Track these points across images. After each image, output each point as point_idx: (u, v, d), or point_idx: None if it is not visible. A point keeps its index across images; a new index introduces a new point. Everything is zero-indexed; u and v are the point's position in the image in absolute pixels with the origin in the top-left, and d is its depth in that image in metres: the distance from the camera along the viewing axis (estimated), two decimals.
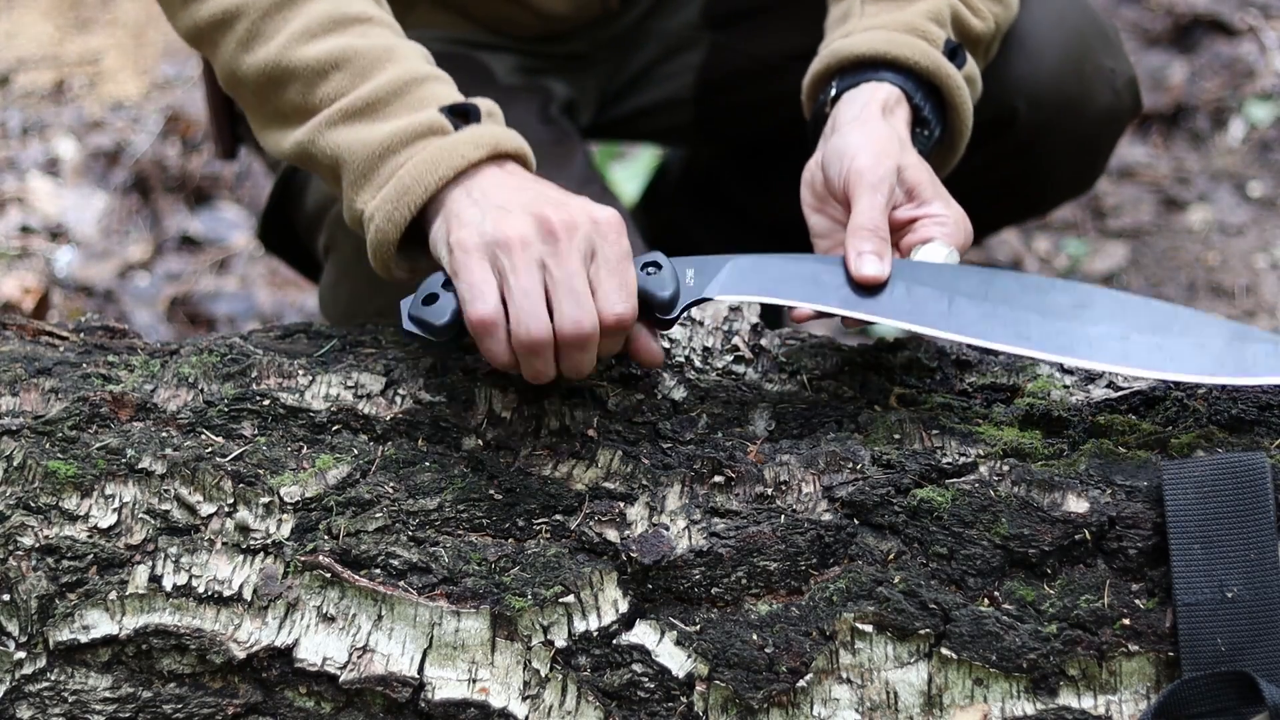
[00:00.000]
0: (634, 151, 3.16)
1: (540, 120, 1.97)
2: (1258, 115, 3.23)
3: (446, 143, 1.40)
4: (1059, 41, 1.86)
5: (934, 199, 1.47)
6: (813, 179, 1.54)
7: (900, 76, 1.54)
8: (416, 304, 1.36)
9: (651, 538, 1.32)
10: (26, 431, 1.37)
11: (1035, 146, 1.90)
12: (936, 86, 1.55)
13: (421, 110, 1.42)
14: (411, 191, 1.38)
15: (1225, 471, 1.29)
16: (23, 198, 3.23)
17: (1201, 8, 3.45)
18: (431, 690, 1.32)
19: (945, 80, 1.55)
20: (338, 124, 1.44)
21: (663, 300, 1.36)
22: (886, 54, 1.54)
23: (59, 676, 1.33)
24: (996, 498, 1.32)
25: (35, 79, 3.64)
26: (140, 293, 2.99)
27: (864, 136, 1.49)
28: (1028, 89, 1.83)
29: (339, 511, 1.35)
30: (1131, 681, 1.30)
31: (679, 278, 1.38)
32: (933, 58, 1.54)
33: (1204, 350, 1.34)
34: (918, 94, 1.55)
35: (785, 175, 2.25)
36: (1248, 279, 2.88)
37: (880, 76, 1.54)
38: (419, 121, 1.41)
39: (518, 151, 1.43)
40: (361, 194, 1.42)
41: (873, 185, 1.45)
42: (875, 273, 1.40)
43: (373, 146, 1.41)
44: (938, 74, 1.54)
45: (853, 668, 1.31)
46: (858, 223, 1.43)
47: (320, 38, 1.47)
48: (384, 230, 1.39)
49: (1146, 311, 1.37)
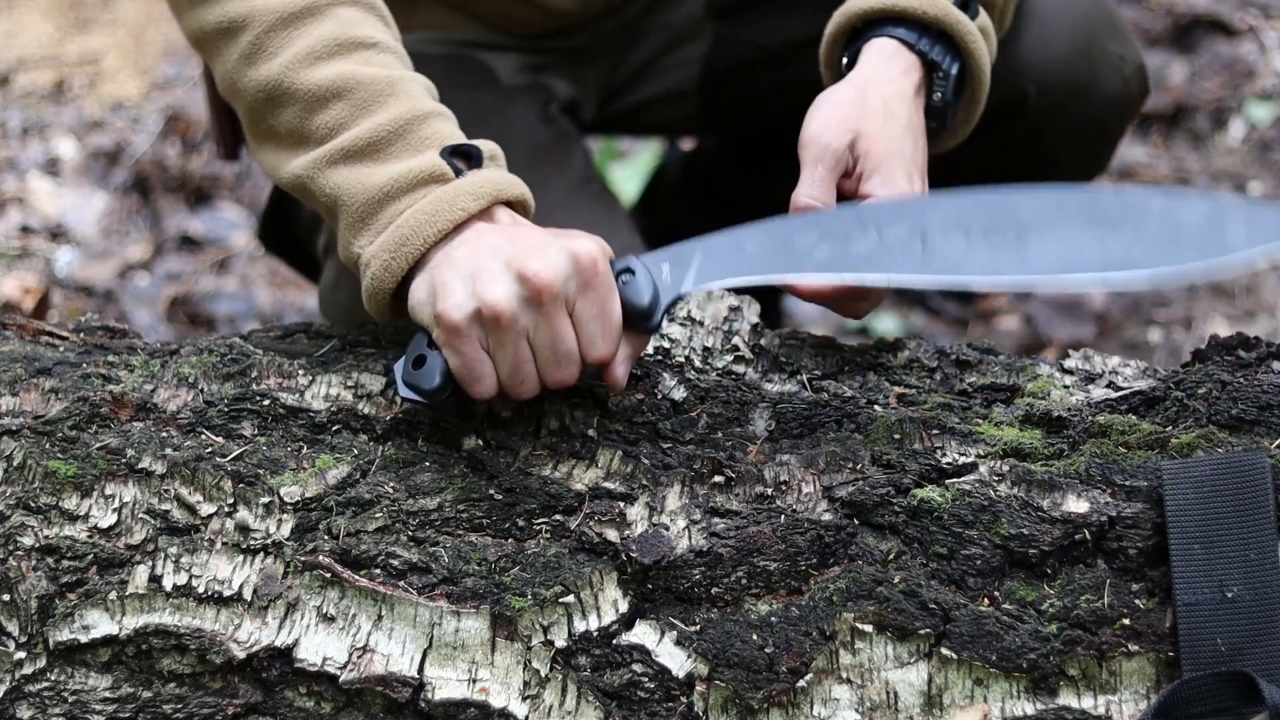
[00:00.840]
0: (634, 151, 3.16)
1: (540, 120, 1.97)
2: (1258, 115, 3.23)
3: (446, 193, 1.37)
4: (1069, 27, 1.87)
5: (874, 173, 1.47)
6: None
7: (905, 29, 1.54)
8: (408, 369, 1.35)
9: (651, 538, 1.32)
10: (26, 431, 1.37)
11: (1044, 131, 1.90)
12: (948, 35, 1.55)
13: (423, 152, 1.40)
14: (410, 243, 1.36)
15: (1225, 471, 1.29)
16: (23, 198, 3.23)
17: (1201, 8, 3.45)
18: (431, 690, 1.32)
19: (955, 26, 1.54)
20: (338, 163, 1.42)
21: (642, 308, 1.36)
22: (894, 6, 1.54)
23: (59, 676, 1.33)
24: (996, 498, 1.32)
25: (35, 79, 3.64)
26: (140, 293, 2.99)
27: (827, 102, 1.50)
28: (1037, 73, 1.84)
29: (339, 511, 1.35)
30: (1131, 681, 1.30)
31: (655, 278, 1.37)
32: (939, 5, 1.54)
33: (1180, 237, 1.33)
34: (922, 40, 1.54)
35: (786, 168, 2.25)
36: (1248, 279, 2.88)
37: (887, 32, 1.54)
38: (420, 167, 1.39)
39: (518, 198, 1.41)
40: (359, 238, 1.40)
41: (815, 155, 1.46)
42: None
43: (372, 191, 1.39)
44: (946, 20, 1.54)
45: (853, 668, 1.31)
46: (796, 197, 1.45)
47: (325, 61, 1.45)
48: (380, 279, 1.37)
49: (1120, 207, 1.36)
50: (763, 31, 2.05)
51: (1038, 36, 1.82)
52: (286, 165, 1.45)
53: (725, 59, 2.07)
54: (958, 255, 1.37)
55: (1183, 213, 1.34)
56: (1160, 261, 1.32)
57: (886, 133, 1.49)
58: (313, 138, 1.44)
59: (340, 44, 1.46)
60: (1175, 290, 2.88)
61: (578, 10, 1.96)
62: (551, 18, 1.96)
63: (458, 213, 1.36)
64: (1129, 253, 1.33)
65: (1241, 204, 1.32)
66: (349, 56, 1.45)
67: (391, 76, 1.45)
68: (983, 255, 1.36)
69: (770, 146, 2.24)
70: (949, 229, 1.37)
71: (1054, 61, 1.85)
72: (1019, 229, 1.36)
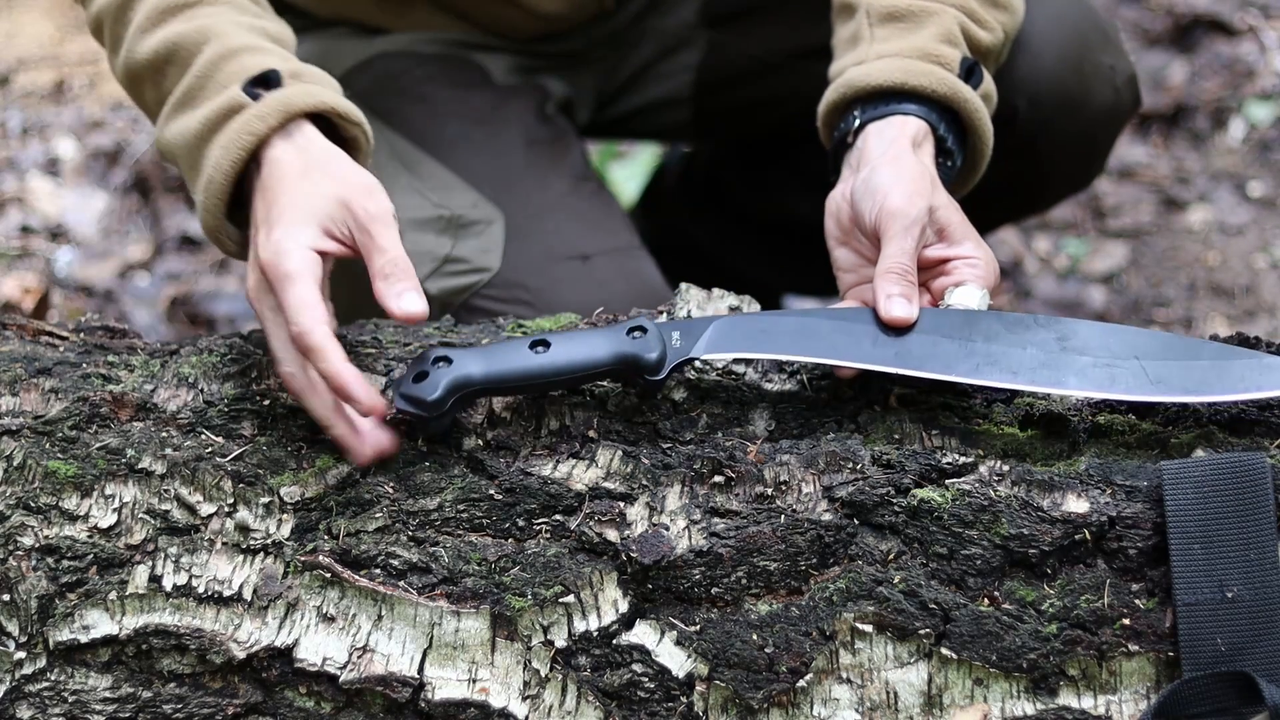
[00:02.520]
0: (633, 151, 3.16)
1: (537, 119, 1.97)
2: (1258, 115, 3.23)
3: (237, 121, 1.39)
4: (1058, 39, 1.86)
5: (965, 239, 1.46)
6: (839, 211, 1.52)
7: (923, 107, 1.52)
8: (408, 382, 1.36)
9: (651, 538, 1.32)
10: (26, 431, 1.37)
11: (1035, 144, 1.90)
12: (955, 111, 1.54)
13: (226, 89, 1.42)
14: (214, 182, 1.40)
15: (1225, 471, 1.29)
16: (23, 198, 3.23)
17: (1201, 8, 3.45)
18: (431, 690, 1.32)
19: (964, 105, 1.53)
20: (169, 120, 1.45)
21: (649, 363, 1.37)
22: (905, 84, 1.52)
23: (59, 676, 1.33)
24: (996, 498, 1.32)
25: (35, 79, 3.64)
26: (140, 293, 2.99)
27: (896, 174, 1.47)
28: (1028, 87, 1.83)
29: (339, 511, 1.35)
30: (1131, 681, 1.30)
31: (665, 341, 1.38)
32: (950, 84, 1.53)
33: (1190, 370, 1.34)
34: (941, 124, 1.53)
35: (783, 173, 2.26)
36: (1248, 279, 2.88)
37: (905, 109, 1.52)
38: (220, 104, 1.41)
39: (317, 107, 1.42)
40: (195, 187, 1.43)
41: (905, 227, 1.43)
42: (904, 314, 1.39)
43: (189, 138, 1.42)
44: (956, 99, 1.53)
45: (853, 668, 1.31)
46: (887, 265, 1.42)
47: (150, 32, 1.47)
48: (206, 222, 1.42)
49: (1130, 336, 1.38)
50: (756, 41, 2.05)
51: (1028, 51, 1.82)
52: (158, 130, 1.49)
53: (719, 67, 2.07)
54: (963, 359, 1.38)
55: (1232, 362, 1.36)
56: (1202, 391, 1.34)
57: (951, 203, 1.49)
58: (161, 106, 1.47)
59: (163, 11, 1.48)
60: (1175, 290, 2.89)
61: (568, 14, 1.96)
62: (541, 22, 1.96)
63: (247, 138, 1.38)
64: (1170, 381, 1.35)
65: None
66: (172, 19, 1.47)
67: (204, 25, 1.46)
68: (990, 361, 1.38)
69: (770, 148, 2.24)
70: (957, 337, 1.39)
71: (1045, 75, 1.85)
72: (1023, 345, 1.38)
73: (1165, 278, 2.92)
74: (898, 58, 1.54)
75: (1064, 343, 1.37)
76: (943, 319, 1.40)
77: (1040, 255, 3.02)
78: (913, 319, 1.39)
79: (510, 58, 2.00)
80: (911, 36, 1.55)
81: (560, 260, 1.85)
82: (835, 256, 1.53)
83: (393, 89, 1.94)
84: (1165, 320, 2.81)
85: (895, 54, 1.54)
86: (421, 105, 1.93)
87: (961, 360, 1.37)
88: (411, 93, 1.94)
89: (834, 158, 1.58)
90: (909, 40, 1.55)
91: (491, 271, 1.84)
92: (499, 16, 1.96)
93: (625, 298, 1.72)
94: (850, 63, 1.57)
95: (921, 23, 1.56)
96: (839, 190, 1.53)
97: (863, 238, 1.49)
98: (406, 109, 1.92)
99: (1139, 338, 1.38)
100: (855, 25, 1.61)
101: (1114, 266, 2.96)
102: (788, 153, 2.20)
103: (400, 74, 1.95)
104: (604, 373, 1.38)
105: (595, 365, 1.37)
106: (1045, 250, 3.03)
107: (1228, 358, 1.35)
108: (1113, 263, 2.97)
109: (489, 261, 1.84)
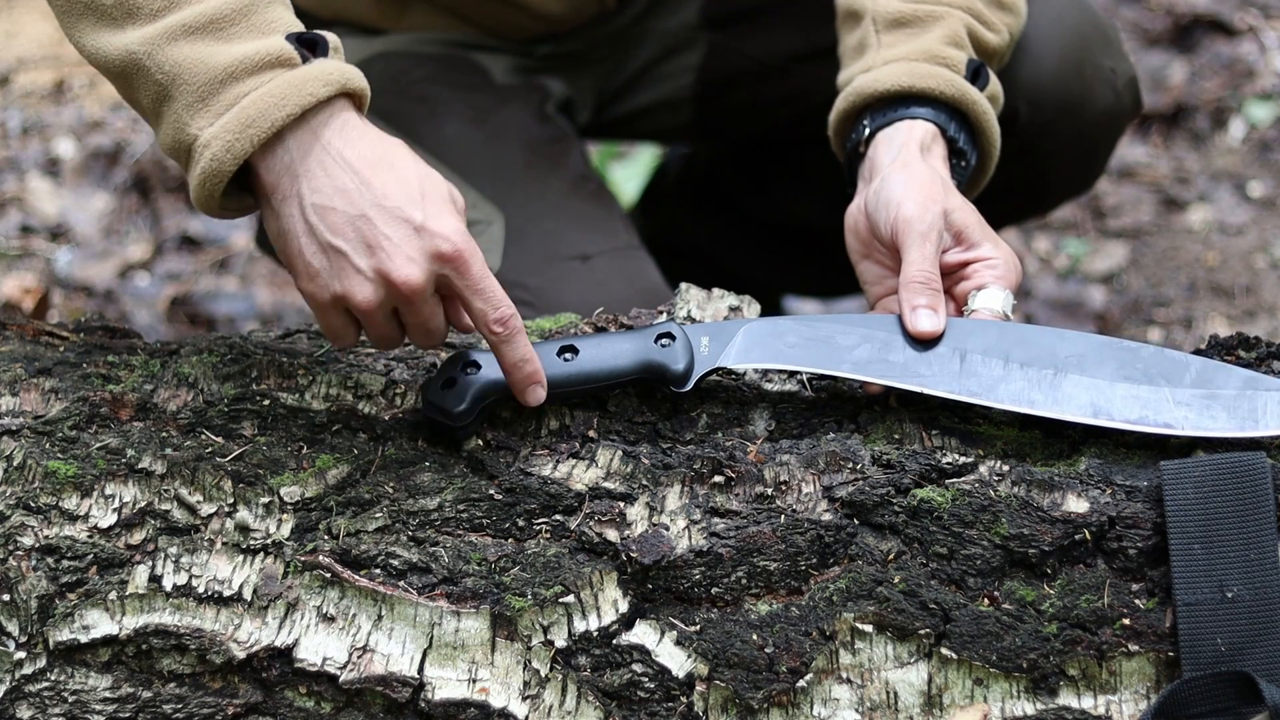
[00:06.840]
0: (634, 151, 3.16)
1: (536, 119, 1.97)
2: (1258, 115, 3.23)
3: (295, 76, 1.33)
4: (1059, 42, 1.86)
5: (983, 240, 1.46)
6: (857, 225, 1.52)
7: (931, 110, 1.52)
8: (436, 389, 1.36)
9: (651, 538, 1.32)
10: (26, 431, 1.37)
11: (1036, 147, 1.90)
12: (964, 113, 1.54)
13: (269, 35, 1.36)
14: (256, 124, 1.32)
15: (1225, 471, 1.29)
16: (23, 198, 3.23)
17: (1201, 8, 3.45)
18: (431, 690, 1.32)
19: (972, 107, 1.53)
20: (178, 39, 1.35)
21: (677, 374, 1.38)
22: (912, 87, 1.52)
23: (59, 676, 1.33)
24: (996, 498, 1.32)
25: (35, 79, 3.64)
26: (140, 293, 2.99)
27: (907, 181, 1.46)
28: (1029, 90, 1.83)
29: (339, 511, 1.35)
30: (1131, 681, 1.30)
31: (693, 348, 1.39)
32: (958, 85, 1.52)
33: (1215, 401, 1.34)
34: (951, 125, 1.53)
35: (784, 175, 2.26)
36: (1248, 279, 2.88)
37: (913, 113, 1.52)
38: (267, 49, 1.34)
39: (361, 91, 1.38)
40: (198, 118, 1.34)
41: (921, 234, 1.43)
42: (930, 327, 1.39)
43: (216, 70, 1.34)
44: (964, 101, 1.53)
45: (853, 668, 1.31)
46: (909, 275, 1.41)
47: None
48: (221, 161, 1.33)
49: (1159, 365, 1.37)
50: (757, 43, 2.04)
51: (1029, 54, 1.82)
52: (115, 40, 1.37)
53: (720, 69, 2.07)
54: (993, 379, 1.37)
55: (1217, 378, 1.36)
56: (1190, 425, 1.34)
57: (966, 205, 1.48)
58: (143, 11, 1.36)
59: None
60: (1175, 290, 2.88)
61: (567, 15, 1.96)
62: (541, 23, 1.96)
63: (306, 98, 1.33)
64: (1159, 411, 1.35)
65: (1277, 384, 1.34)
66: None
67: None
68: (1018, 384, 1.37)
69: (770, 150, 2.24)
70: (989, 354, 1.38)
71: (1045, 79, 1.85)
72: (1057, 367, 1.37)
73: (1165, 278, 2.92)
74: (904, 61, 1.54)
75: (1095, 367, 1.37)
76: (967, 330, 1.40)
77: (1040, 255, 3.02)
78: (939, 330, 1.39)
79: (510, 58, 2.00)
80: (918, 40, 1.55)
81: (560, 260, 1.85)
82: (859, 271, 1.53)
83: (393, 89, 1.93)
84: (1165, 320, 2.81)
85: (902, 58, 1.54)
86: (421, 105, 1.93)
87: (986, 382, 1.37)
88: (411, 93, 1.94)
89: (848, 170, 1.58)
90: (915, 44, 1.55)
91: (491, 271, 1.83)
92: (499, 17, 1.96)
93: (625, 298, 1.72)
94: (858, 70, 1.57)
95: (928, 27, 1.56)
96: (855, 204, 1.53)
97: (882, 249, 1.49)
98: (406, 109, 1.92)
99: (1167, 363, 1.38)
100: (861, 33, 1.60)
101: (1114, 266, 2.96)
102: (788, 154, 2.20)
103: (400, 74, 1.95)
104: (630, 381, 1.39)
105: (621, 374, 1.38)
106: (1045, 250, 3.03)
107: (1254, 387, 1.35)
108: (1113, 263, 2.97)
109: (489, 261, 1.84)
